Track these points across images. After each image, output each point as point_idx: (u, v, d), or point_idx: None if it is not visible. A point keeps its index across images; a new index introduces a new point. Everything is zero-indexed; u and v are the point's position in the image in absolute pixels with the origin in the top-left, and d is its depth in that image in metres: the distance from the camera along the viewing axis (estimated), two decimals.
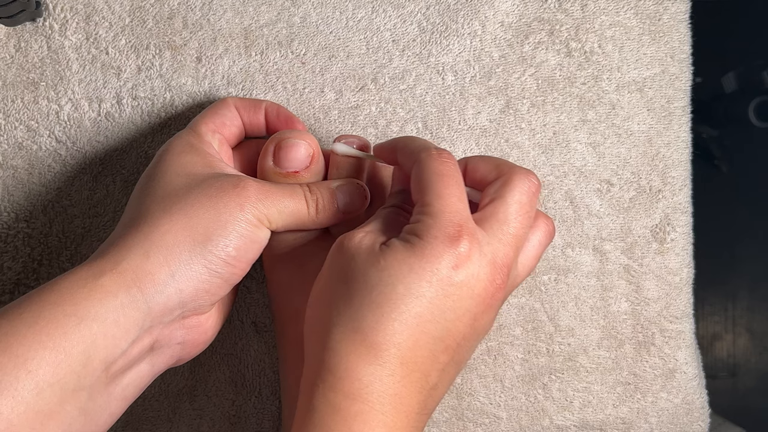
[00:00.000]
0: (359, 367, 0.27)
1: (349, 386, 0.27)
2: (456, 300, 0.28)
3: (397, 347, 0.27)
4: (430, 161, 0.30)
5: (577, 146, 0.42)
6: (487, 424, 0.42)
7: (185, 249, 0.29)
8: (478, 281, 0.28)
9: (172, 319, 0.30)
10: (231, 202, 0.31)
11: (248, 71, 0.40)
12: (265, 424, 0.41)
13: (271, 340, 0.41)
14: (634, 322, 0.43)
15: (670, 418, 0.43)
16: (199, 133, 0.35)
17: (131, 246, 0.29)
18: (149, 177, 0.33)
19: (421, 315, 0.27)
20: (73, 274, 0.28)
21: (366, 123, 0.41)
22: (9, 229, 0.39)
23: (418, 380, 0.28)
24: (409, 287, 0.27)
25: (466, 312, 0.28)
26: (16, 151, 0.39)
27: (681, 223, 0.43)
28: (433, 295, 0.27)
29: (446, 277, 0.27)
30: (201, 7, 0.39)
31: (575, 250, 0.42)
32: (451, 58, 0.41)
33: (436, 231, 0.28)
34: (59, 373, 0.26)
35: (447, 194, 0.29)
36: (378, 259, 0.28)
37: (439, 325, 0.28)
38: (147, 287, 0.29)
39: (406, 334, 0.27)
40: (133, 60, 0.39)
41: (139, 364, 0.30)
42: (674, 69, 0.42)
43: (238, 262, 0.31)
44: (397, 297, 0.27)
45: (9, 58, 0.38)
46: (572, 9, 0.41)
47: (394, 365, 0.27)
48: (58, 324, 0.27)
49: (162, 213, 0.30)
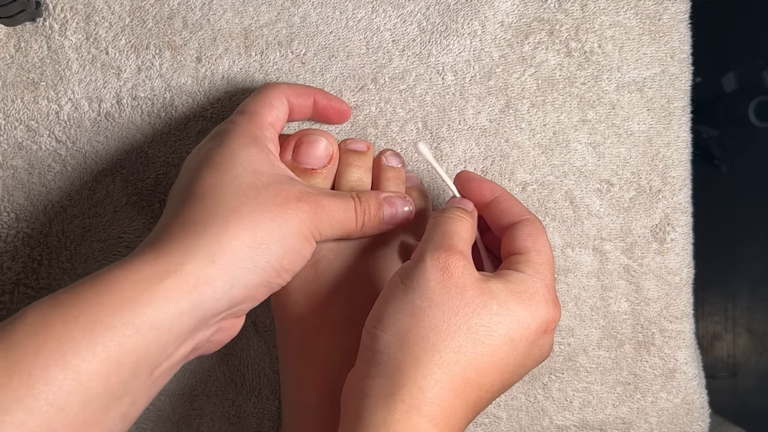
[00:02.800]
0: (449, 396, 0.28)
1: (435, 412, 0.27)
2: (532, 359, 0.30)
3: (479, 387, 0.29)
4: (542, 226, 0.33)
5: (577, 146, 0.42)
6: (487, 424, 0.42)
7: (247, 257, 0.29)
8: (549, 347, 0.31)
9: (216, 322, 0.30)
10: (294, 217, 0.30)
11: (248, 71, 0.40)
12: (264, 424, 0.41)
13: (271, 340, 0.41)
14: (634, 322, 0.43)
15: (670, 418, 0.43)
16: (261, 125, 0.33)
17: (197, 247, 0.28)
18: (212, 164, 0.31)
19: (509, 364, 0.29)
20: (133, 272, 0.27)
21: (366, 123, 0.41)
22: (9, 229, 0.39)
23: (472, 417, 0.29)
24: (510, 336, 0.29)
25: (529, 369, 0.31)
26: (16, 151, 0.39)
27: (681, 223, 0.43)
28: (525, 351, 0.30)
29: (539, 337, 0.30)
30: (201, 7, 0.39)
31: (575, 250, 0.42)
32: (451, 58, 0.41)
33: (545, 292, 0.30)
34: (109, 384, 0.25)
35: (547, 260, 0.31)
36: (491, 302, 0.29)
37: (513, 377, 0.30)
38: (206, 294, 0.28)
39: (492, 377, 0.29)
40: (133, 60, 0.39)
41: (178, 365, 0.30)
42: (674, 69, 0.42)
43: (287, 274, 0.31)
44: (501, 343, 0.29)
45: (9, 58, 0.38)
46: (572, 9, 0.41)
47: (471, 402, 0.29)
48: (115, 333, 0.25)
49: (230, 215, 0.29)
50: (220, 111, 0.40)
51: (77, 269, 0.39)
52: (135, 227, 0.39)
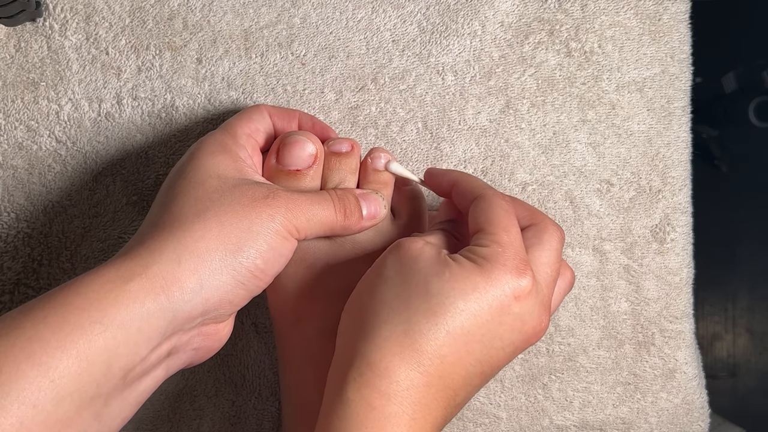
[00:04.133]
0: (401, 369, 0.27)
1: (387, 386, 0.27)
2: (507, 330, 0.28)
3: (440, 359, 0.27)
4: (497, 198, 0.31)
5: (577, 146, 0.42)
6: (487, 424, 0.42)
7: (216, 258, 0.29)
8: (531, 318, 0.29)
9: (192, 326, 0.30)
10: (263, 213, 0.30)
11: (248, 73, 0.40)
12: (265, 425, 0.41)
13: (271, 341, 0.41)
14: (634, 322, 0.43)
15: (670, 418, 0.43)
16: (235, 135, 0.34)
17: (163, 249, 0.28)
18: (180, 174, 0.32)
19: (472, 334, 0.28)
20: (100, 276, 0.27)
21: (366, 123, 0.41)
22: (9, 229, 0.39)
23: (448, 396, 0.28)
24: (469, 304, 0.28)
25: (510, 344, 0.29)
26: (16, 151, 0.39)
27: (681, 223, 0.43)
28: (489, 318, 0.28)
29: (506, 306, 0.28)
30: (201, 8, 0.39)
31: (575, 250, 0.42)
32: (451, 58, 0.41)
33: (505, 259, 0.29)
34: (80, 382, 0.26)
35: (514, 231, 0.30)
36: (443, 270, 0.28)
37: (485, 350, 0.28)
38: (175, 295, 0.28)
39: (453, 348, 0.27)
40: (133, 60, 0.39)
41: (155, 370, 0.30)
42: (674, 69, 0.42)
43: (264, 275, 0.31)
44: (455, 311, 0.27)
45: (9, 58, 0.38)
46: (572, 9, 0.41)
47: (433, 376, 0.27)
48: (83, 331, 0.26)
49: (195, 217, 0.30)
50: (220, 112, 0.40)
51: (77, 269, 0.39)
52: (135, 227, 0.39)
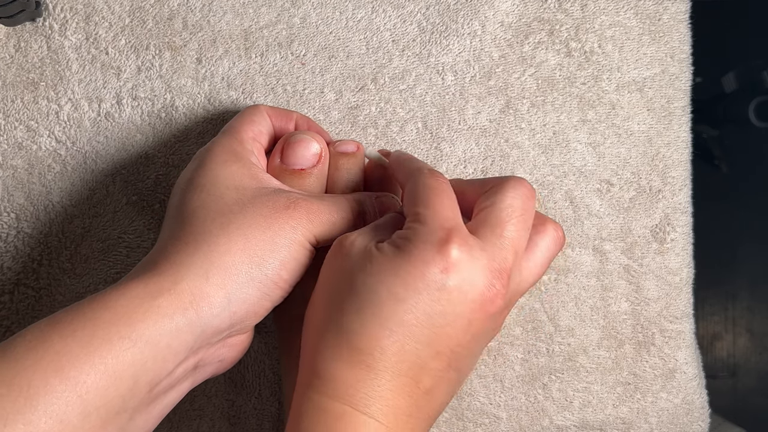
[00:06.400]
0: (343, 370, 0.27)
1: (333, 388, 0.27)
2: (446, 305, 0.27)
3: (381, 351, 0.27)
4: (422, 177, 0.30)
5: (577, 146, 0.42)
6: (487, 424, 0.42)
7: (243, 271, 0.29)
8: (473, 286, 0.27)
9: (219, 339, 0.30)
10: (285, 225, 0.30)
11: (248, 73, 0.40)
12: (265, 425, 0.41)
13: (271, 341, 0.41)
14: (634, 322, 0.43)
15: (670, 418, 0.43)
16: (242, 140, 0.34)
17: (189, 265, 0.28)
18: (195, 186, 0.32)
19: (406, 320, 0.27)
20: (129, 290, 0.28)
21: (366, 123, 0.41)
22: (9, 229, 0.39)
23: (407, 384, 0.27)
24: (392, 291, 0.27)
25: (458, 317, 0.27)
26: (16, 151, 0.39)
27: (681, 223, 0.43)
28: (419, 299, 0.27)
29: (435, 282, 0.27)
30: (201, 8, 0.39)
31: (575, 250, 0.42)
32: (451, 58, 0.41)
33: (425, 236, 0.27)
34: (107, 397, 0.26)
35: (437, 203, 0.29)
36: (366, 263, 0.28)
37: (428, 331, 0.27)
38: (203, 310, 0.28)
39: (390, 339, 0.27)
40: (133, 60, 0.39)
41: (181, 383, 0.30)
42: (674, 69, 0.42)
43: (286, 285, 0.31)
44: (380, 301, 0.27)
45: (9, 58, 0.38)
46: (572, 9, 0.41)
47: (379, 369, 0.27)
48: (111, 346, 0.26)
49: (220, 231, 0.29)
50: (220, 112, 0.40)
51: (77, 269, 0.39)
52: (135, 227, 0.39)
